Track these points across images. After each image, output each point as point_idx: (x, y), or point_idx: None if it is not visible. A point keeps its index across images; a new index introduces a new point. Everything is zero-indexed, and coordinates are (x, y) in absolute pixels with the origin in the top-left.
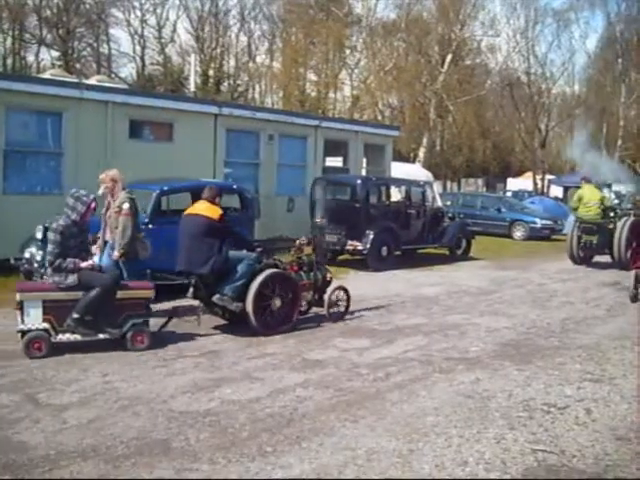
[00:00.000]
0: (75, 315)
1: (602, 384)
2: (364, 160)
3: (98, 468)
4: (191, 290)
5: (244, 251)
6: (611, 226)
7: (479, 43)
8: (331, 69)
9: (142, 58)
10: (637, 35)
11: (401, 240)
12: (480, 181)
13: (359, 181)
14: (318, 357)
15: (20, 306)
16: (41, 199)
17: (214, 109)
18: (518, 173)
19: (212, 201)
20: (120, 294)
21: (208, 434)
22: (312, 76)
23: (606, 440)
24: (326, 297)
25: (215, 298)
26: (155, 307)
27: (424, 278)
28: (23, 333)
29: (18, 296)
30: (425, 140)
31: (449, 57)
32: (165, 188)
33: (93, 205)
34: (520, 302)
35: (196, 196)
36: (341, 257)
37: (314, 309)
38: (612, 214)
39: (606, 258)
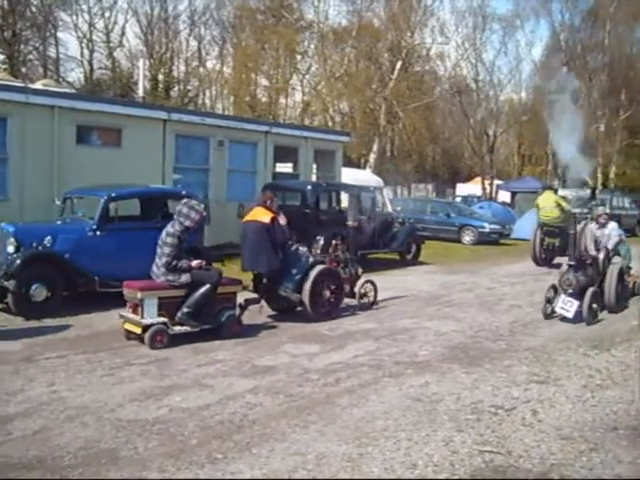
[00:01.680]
0: (186, 309)
1: (548, 385)
2: (314, 166)
3: None
4: (251, 284)
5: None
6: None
7: (428, 50)
8: (282, 75)
9: (90, 62)
10: (581, 44)
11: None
12: (430, 186)
13: (309, 187)
14: (268, 363)
15: (140, 303)
16: None
17: (163, 114)
18: (467, 178)
19: (265, 205)
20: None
21: (157, 442)
22: (263, 81)
23: (551, 440)
24: (357, 289)
25: (280, 290)
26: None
27: None
28: (144, 328)
29: (139, 294)
30: (375, 146)
31: (399, 64)
32: (113, 194)
33: (205, 214)
34: (469, 306)
35: (145, 202)
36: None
37: (346, 300)
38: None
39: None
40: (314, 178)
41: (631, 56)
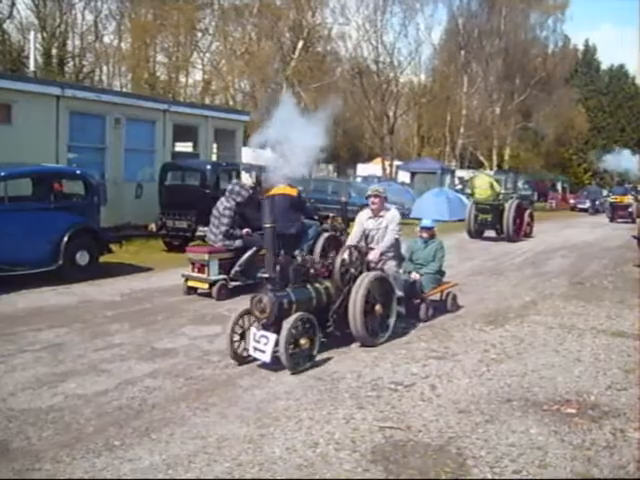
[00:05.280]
0: (238, 268)
1: (446, 361)
2: (214, 145)
3: None
4: None
5: None
6: (501, 207)
7: (330, 31)
8: (182, 52)
9: None
10: (478, 28)
11: (252, 225)
12: (331, 167)
13: (209, 166)
14: (167, 346)
15: (207, 264)
16: None
17: (56, 90)
18: (368, 159)
19: (288, 184)
20: None
21: (51, 431)
22: (163, 59)
23: (449, 413)
24: None
25: (296, 253)
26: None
27: None
28: (211, 284)
29: (207, 257)
30: None
31: (300, 43)
32: (2, 173)
33: (251, 191)
34: None
35: (37, 182)
36: (192, 243)
37: None
38: (500, 196)
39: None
40: (214, 158)
41: (525, 42)
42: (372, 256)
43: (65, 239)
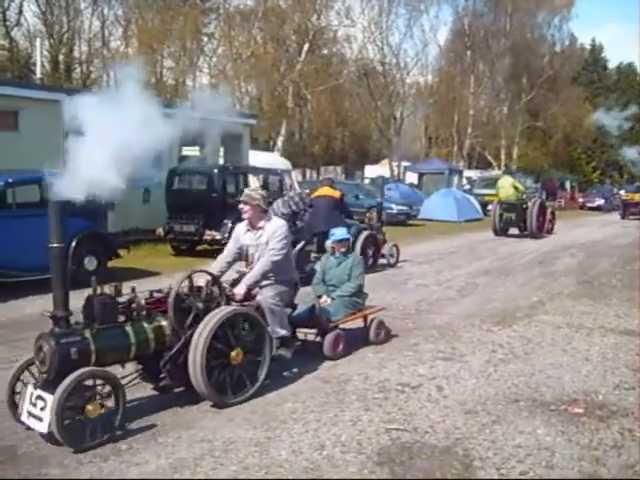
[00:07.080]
0: None
1: (453, 362)
2: (221, 149)
3: None
4: (315, 245)
5: None
6: (525, 205)
7: (335, 33)
8: (188, 57)
9: None
10: (484, 29)
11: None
12: (339, 169)
13: (216, 170)
14: None
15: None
16: None
17: (63, 96)
18: (375, 160)
19: (332, 186)
20: None
21: None
22: (169, 63)
23: (456, 414)
24: (385, 251)
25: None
26: None
27: None
28: None
29: None
30: (283, 129)
31: (306, 46)
32: (10, 180)
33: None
34: (376, 286)
35: (45, 187)
36: (199, 247)
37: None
38: (524, 196)
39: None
40: (221, 161)
41: (532, 41)
42: (235, 293)
43: (73, 244)
